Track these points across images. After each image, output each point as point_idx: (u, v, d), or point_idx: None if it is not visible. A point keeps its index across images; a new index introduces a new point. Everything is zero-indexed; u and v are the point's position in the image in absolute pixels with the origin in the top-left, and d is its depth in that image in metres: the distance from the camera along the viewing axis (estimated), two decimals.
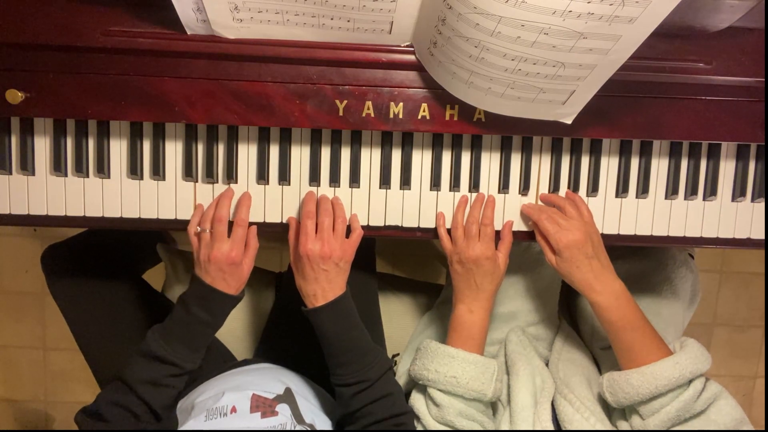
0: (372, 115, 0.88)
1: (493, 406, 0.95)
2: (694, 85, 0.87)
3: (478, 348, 0.92)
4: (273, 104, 0.86)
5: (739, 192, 0.97)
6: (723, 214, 0.98)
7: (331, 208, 0.90)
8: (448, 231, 0.95)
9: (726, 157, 0.97)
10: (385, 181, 0.94)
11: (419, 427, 0.90)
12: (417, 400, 0.92)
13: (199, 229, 0.88)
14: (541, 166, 0.95)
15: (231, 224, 0.89)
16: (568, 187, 0.96)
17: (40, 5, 0.81)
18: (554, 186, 0.95)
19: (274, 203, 0.94)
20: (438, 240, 0.96)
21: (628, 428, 0.88)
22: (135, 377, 0.84)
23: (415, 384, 0.94)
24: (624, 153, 0.96)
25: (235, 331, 1.14)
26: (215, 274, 0.86)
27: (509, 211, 0.96)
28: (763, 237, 0.98)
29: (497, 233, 0.95)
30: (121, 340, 1.04)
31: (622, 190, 0.96)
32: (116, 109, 0.85)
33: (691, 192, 0.96)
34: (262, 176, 0.93)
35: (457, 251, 0.92)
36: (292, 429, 0.81)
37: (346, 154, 0.94)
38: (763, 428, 1.87)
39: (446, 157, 0.94)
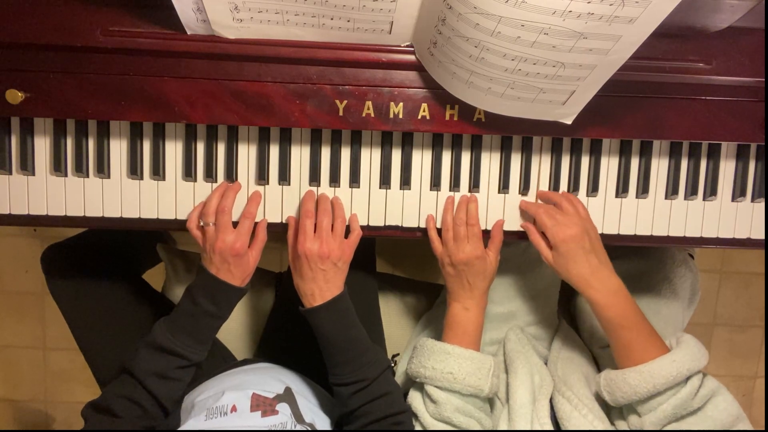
0: (372, 115, 0.88)
1: (491, 403, 0.95)
2: (694, 85, 0.87)
3: (474, 344, 0.92)
4: (273, 104, 0.86)
5: (739, 192, 0.97)
6: (723, 214, 0.97)
7: (331, 208, 0.90)
8: (439, 232, 0.95)
9: (726, 157, 0.97)
10: (385, 181, 0.94)
11: (417, 426, 0.90)
12: (414, 398, 0.92)
13: (201, 222, 0.88)
14: (541, 166, 0.95)
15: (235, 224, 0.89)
16: (568, 187, 0.96)
17: (40, 5, 0.81)
18: (554, 186, 0.95)
19: (274, 203, 0.94)
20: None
21: (626, 427, 0.88)
22: (142, 369, 0.83)
23: (413, 382, 0.94)
24: (624, 153, 0.96)
25: (235, 331, 1.14)
26: (220, 264, 0.86)
27: (509, 211, 0.96)
28: (763, 237, 0.98)
29: (487, 232, 0.95)
30: (121, 341, 1.04)
31: (622, 190, 0.96)
32: (116, 109, 0.85)
33: (691, 192, 0.96)
34: (262, 176, 0.93)
35: (448, 253, 0.92)
36: (292, 428, 0.81)
37: (346, 154, 0.94)
38: (763, 428, 1.86)
39: (446, 157, 0.94)
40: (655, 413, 0.84)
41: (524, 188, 0.95)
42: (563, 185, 0.96)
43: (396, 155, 0.94)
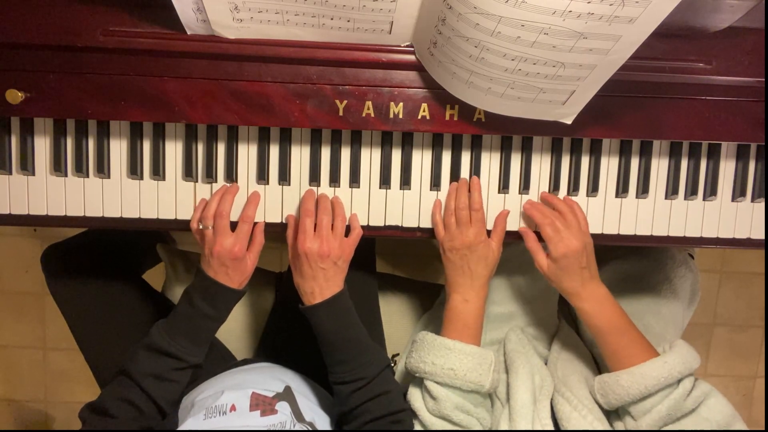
0: (372, 115, 0.88)
1: (491, 402, 0.95)
2: (694, 85, 0.87)
3: (474, 338, 0.92)
4: (273, 104, 0.86)
5: (739, 192, 0.97)
6: (723, 214, 0.98)
7: (331, 207, 0.90)
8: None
9: (726, 157, 0.97)
10: (385, 181, 0.94)
11: (417, 425, 0.90)
12: (413, 395, 0.91)
13: (201, 226, 0.88)
14: (541, 166, 0.95)
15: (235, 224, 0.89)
16: (568, 187, 0.96)
17: (40, 5, 0.81)
18: (554, 186, 0.95)
19: (274, 203, 0.94)
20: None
21: (624, 428, 0.88)
22: (139, 371, 0.84)
23: (413, 378, 0.94)
24: (624, 153, 0.96)
25: (235, 331, 1.14)
26: (218, 268, 0.86)
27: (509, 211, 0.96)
28: (763, 237, 0.98)
29: (487, 232, 0.94)
30: (121, 341, 1.04)
31: (622, 190, 0.96)
32: (116, 109, 0.85)
33: (691, 192, 0.96)
34: (262, 176, 0.93)
35: (450, 237, 0.92)
36: (292, 428, 0.82)
37: (346, 154, 0.94)
38: (763, 428, 1.86)
39: (446, 157, 0.94)
40: (650, 415, 0.84)
41: (524, 188, 0.95)
42: (563, 185, 0.96)
43: (396, 155, 0.94)
